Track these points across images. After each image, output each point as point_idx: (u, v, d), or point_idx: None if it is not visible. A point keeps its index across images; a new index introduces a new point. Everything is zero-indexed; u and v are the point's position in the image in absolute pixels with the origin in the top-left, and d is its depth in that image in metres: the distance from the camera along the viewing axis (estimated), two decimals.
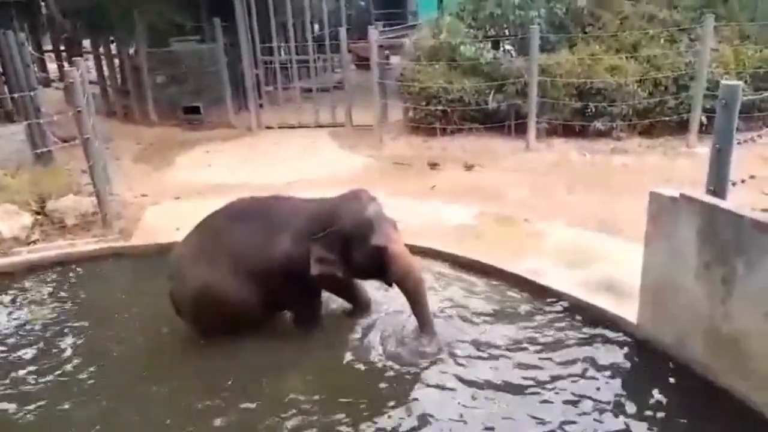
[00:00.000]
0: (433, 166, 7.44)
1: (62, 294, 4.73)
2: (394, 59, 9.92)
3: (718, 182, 3.34)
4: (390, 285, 3.81)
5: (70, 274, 5.05)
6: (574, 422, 3.10)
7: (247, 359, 3.72)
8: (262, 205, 3.96)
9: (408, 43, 9.47)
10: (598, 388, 3.34)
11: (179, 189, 6.95)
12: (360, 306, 4.15)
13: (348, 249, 3.62)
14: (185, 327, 4.04)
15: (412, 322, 3.86)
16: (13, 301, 4.64)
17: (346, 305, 4.19)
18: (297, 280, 3.66)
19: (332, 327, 4.03)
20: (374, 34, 8.91)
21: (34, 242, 5.45)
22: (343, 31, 9.54)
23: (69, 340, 4.09)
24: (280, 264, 3.67)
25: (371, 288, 4.22)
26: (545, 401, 3.27)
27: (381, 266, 3.65)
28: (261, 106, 10.43)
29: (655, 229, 3.42)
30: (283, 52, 11.36)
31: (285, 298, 3.88)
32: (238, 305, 3.73)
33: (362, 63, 11.69)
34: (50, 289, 4.80)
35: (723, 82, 3.33)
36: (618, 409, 3.18)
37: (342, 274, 3.68)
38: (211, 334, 3.88)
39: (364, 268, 3.70)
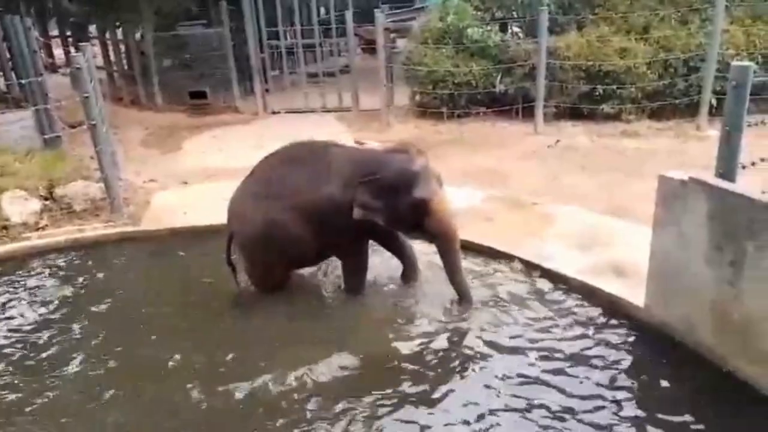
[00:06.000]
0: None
1: (72, 279, 4.76)
2: (401, 43, 9.85)
3: (727, 165, 3.31)
4: (428, 240, 3.95)
5: (79, 260, 5.08)
6: (578, 406, 3.10)
7: (269, 332, 3.86)
8: (317, 149, 4.11)
9: (415, 27, 9.39)
10: (604, 373, 3.34)
11: (187, 174, 6.96)
12: (408, 264, 4.28)
13: (391, 198, 3.72)
14: (200, 307, 4.19)
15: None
16: (23, 286, 4.66)
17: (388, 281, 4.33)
18: (343, 224, 3.79)
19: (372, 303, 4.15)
20: (381, 17, 8.84)
21: (43, 228, 5.48)
22: (349, 15, 9.46)
23: (80, 324, 4.12)
24: (327, 206, 3.80)
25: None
26: (549, 385, 3.27)
27: (421, 219, 3.77)
28: (267, 90, 10.40)
29: (664, 213, 3.40)
30: (288, 36, 11.30)
31: (332, 243, 4.02)
32: (295, 241, 3.91)
33: (369, 47, 11.64)
34: (60, 274, 4.84)
35: (734, 63, 3.28)
36: (623, 393, 3.18)
37: (382, 222, 3.77)
38: (263, 278, 4.19)
39: (404, 219, 3.81)
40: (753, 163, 5.76)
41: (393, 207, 3.74)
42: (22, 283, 4.71)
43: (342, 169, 3.86)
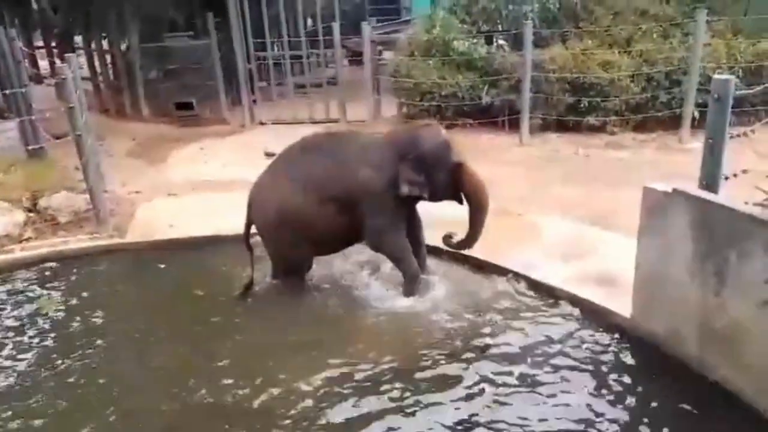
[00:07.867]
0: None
1: (56, 291, 4.70)
2: (388, 55, 9.91)
3: (710, 177, 3.35)
4: (461, 202, 4.17)
5: (63, 272, 5.01)
6: (564, 417, 3.10)
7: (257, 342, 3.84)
8: (341, 137, 4.44)
9: (401, 39, 9.45)
10: (590, 383, 3.35)
11: (173, 185, 6.92)
12: (419, 255, 4.42)
13: (433, 169, 3.99)
14: (188, 317, 4.20)
15: None
16: (5, 298, 4.59)
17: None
18: (380, 205, 4.01)
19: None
20: (368, 29, 8.90)
21: (27, 240, 5.41)
22: (336, 27, 9.51)
23: (64, 335, 4.08)
24: (368, 188, 3.98)
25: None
26: (534, 395, 3.27)
27: (458, 182, 4.07)
28: (254, 101, 10.39)
29: (649, 224, 3.44)
30: (276, 48, 11.32)
31: (366, 224, 4.10)
32: (317, 227, 4.06)
33: (356, 58, 11.70)
34: (44, 287, 4.77)
35: (715, 76, 3.33)
36: (609, 404, 3.19)
37: (427, 194, 4.06)
38: (280, 264, 4.36)
39: (444, 186, 4.08)
40: (735, 175, 5.82)
41: (435, 177, 4.01)
42: (4, 295, 4.64)
43: (374, 153, 4.05)
